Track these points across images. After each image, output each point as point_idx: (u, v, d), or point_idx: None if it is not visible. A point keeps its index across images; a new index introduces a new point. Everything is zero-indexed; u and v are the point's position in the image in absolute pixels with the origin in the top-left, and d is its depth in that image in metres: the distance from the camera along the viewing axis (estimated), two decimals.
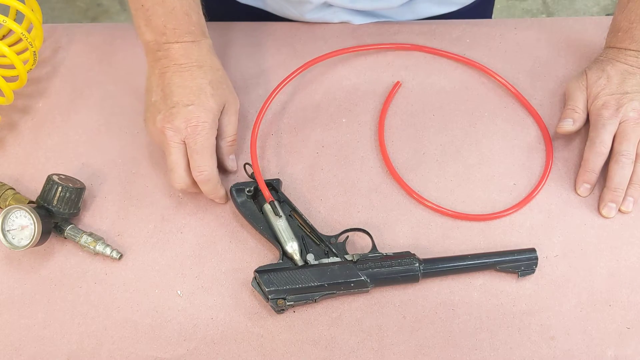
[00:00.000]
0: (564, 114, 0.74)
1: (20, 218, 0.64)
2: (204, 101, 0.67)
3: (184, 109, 0.66)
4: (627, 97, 0.71)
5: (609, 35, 0.76)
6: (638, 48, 0.72)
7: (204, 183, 0.67)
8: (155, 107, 0.68)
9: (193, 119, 0.66)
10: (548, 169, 0.72)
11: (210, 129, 0.67)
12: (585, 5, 2.21)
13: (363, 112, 0.78)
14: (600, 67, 0.74)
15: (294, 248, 0.65)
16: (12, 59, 0.73)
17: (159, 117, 0.67)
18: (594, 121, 0.72)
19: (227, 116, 0.71)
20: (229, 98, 0.71)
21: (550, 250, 0.67)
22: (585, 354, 0.62)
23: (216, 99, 0.68)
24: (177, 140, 0.66)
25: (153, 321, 0.64)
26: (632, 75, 0.72)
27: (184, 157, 0.67)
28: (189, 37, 0.69)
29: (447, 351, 0.62)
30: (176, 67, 0.68)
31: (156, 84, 0.69)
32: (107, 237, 0.69)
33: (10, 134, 0.77)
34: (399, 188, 0.72)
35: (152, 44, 0.69)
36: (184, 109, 0.66)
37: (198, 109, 0.66)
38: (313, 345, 0.63)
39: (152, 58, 0.70)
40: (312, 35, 0.84)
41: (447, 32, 0.84)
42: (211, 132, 0.67)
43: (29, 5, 0.78)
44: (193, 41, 0.70)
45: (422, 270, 0.64)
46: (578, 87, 0.75)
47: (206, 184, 0.67)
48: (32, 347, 0.63)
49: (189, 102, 0.67)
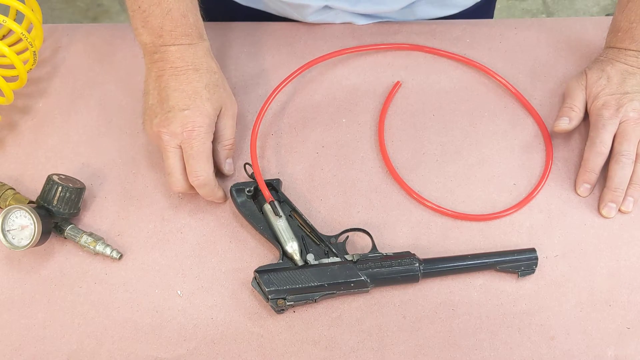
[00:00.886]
0: (561, 112, 0.74)
1: (20, 218, 0.64)
2: (199, 105, 0.67)
3: (179, 114, 0.66)
4: (627, 97, 0.71)
5: (609, 35, 0.76)
6: (638, 48, 0.72)
7: (201, 187, 0.67)
8: (152, 111, 0.68)
9: (189, 124, 0.66)
10: (548, 169, 0.72)
11: (206, 133, 0.67)
12: (585, 5, 2.21)
13: (363, 112, 0.78)
14: (600, 67, 0.74)
15: (294, 248, 0.65)
16: (12, 58, 0.73)
17: (155, 120, 0.67)
18: (594, 121, 0.72)
19: (224, 120, 0.70)
20: (226, 101, 0.71)
21: (550, 250, 0.67)
22: (585, 354, 0.62)
23: (212, 103, 0.68)
24: (174, 145, 0.66)
25: (153, 321, 0.64)
26: (632, 75, 0.72)
27: (180, 161, 0.67)
28: (186, 40, 0.69)
29: (447, 351, 0.62)
30: (172, 70, 0.68)
31: (153, 86, 0.69)
32: (107, 237, 0.69)
33: (10, 134, 0.77)
34: (399, 188, 0.72)
35: (150, 46, 0.69)
36: (180, 113, 0.66)
37: (194, 114, 0.66)
38: (313, 345, 0.63)
39: (149, 60, 0.70)
40: (312, 35, 0.84)
41: (447, 32, 0.84)
42: (207, 136, 0.67)
43: (29, 5, 0.78)
44: (190, 44, 0.69)
45: (422, 270, 0.64)
46: (578, 86, 0.75)
47: (203, 188, 0.67)
48: (32, 347, 0.63)
49: (185, 107, 0.66)
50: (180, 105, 0.66)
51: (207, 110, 0.67)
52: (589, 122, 0.73)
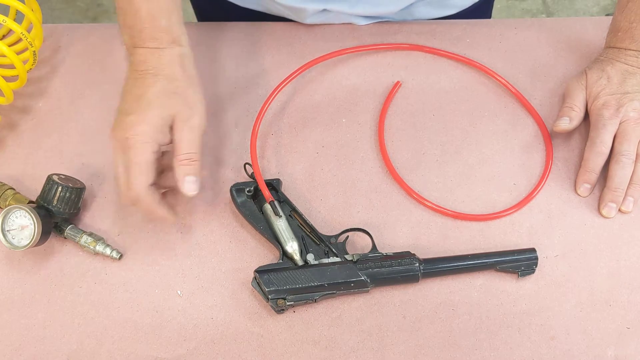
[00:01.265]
0: (561, 112, 0.74)
1: (20, 218, 0.64)
2: (143, 111, 0.62)
3: (124, 119, 0.62)
4: (627, 97, 0.71)
5: (608, 35, 0.76)
6: (638, 48, 0.72)
7: (134, 202, 0.62)
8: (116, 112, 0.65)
9: (129, 130, 0.61)
10: (548, 169, 0.72)
11: (145, 143, 0.61)
12: (585, 5, 2.21)
13: (363, 112, 0.78)
14: (600, 67, 0.74)
15: (294, 248, 0.65)
16: (12, 58, 0.73)
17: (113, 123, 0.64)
18: (594, 121, 0.72)
19: (178, 131, 0.63)
20: (182, 110, 0.63)
21: (550, 250, 0.67)
22: (585, 354, 0.62)
23: (161, 111, 0.62)
24: (120, 151, 0.62)
25: (153, 321, 0.64)
26: (632, 75, 0.72)
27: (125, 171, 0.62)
28: (153, 43, 0.65)
29: (447, 351, 0.62)
30: (134, 73, 0.65)
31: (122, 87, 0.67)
32: (107, 237, 0.69)
33: (10, 134, 0.77)
34: (399, 188, 0.72)
35: (127, 45, 0.67)
36: (125, 118, 0.62)
37: (136, 120, 0.61)
38: (313, 345, 0.63)
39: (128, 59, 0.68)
40: (312, 35, 0.84)
41: (447, 32, 0.84)
42: (146, 146, 0.61)
43: (29, 5, 0.78)
44: (157, 47, 0.65)
45: (422, 270, 0.64)
46: (578, 86, 0.75)
47: (136, 203, 0.62)
48: (32, 347, 0.63)
49: (130, 112, 0.62)
50: (127, 110, 0.63)
51: (150, 118, 0.62)
52: (589, 122, 0.73)
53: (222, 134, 0.76)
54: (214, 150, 0.75)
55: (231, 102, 0.79)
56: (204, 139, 0.64)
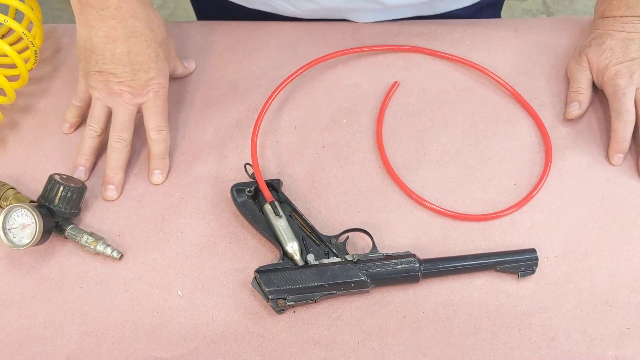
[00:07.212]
0: (569, 97, 0.74)
1: (22, 217, 0.64)
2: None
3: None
4: (636, 63, 0.72)
5: (600, 4, 0.76)
6: (633, 14, 0.73)
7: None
8: None
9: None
10: (548, 169, 0.72)
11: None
12: (585, 5, 2.21)
13: (363, 112, 0.78)
14: (599, 42, 0.74)
15: (294, 248, 0.65)
16: (13, 57, 0.73)
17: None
18: (612, 92, 0.72)
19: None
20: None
21: (550, 251, 0.67)
22: (585, 355, 0.62)
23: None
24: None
25: (153, 321, 0.64)
26: (632, 42, 0.73)
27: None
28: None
29: (447, 351, 0.62)
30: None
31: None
32: (108, 237, 0.69)
33: (11, 134, 0.77)
34: (399, 188, 0.72)
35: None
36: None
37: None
38: (313, 345, 0.63)
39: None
40: (312, 35, 0.84)
41: (447, 34, 0.84)
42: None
43: (28, 4, 0.78)
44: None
45: (423, 270, 0.64)
46: (579, 68, 0.75)
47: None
48: (32, 347, 0.63)
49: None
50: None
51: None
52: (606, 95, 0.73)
53: (222, 134, 0.76)
54: (214, 150, 0.75)
55: (231, 102, 0.79)
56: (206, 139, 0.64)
